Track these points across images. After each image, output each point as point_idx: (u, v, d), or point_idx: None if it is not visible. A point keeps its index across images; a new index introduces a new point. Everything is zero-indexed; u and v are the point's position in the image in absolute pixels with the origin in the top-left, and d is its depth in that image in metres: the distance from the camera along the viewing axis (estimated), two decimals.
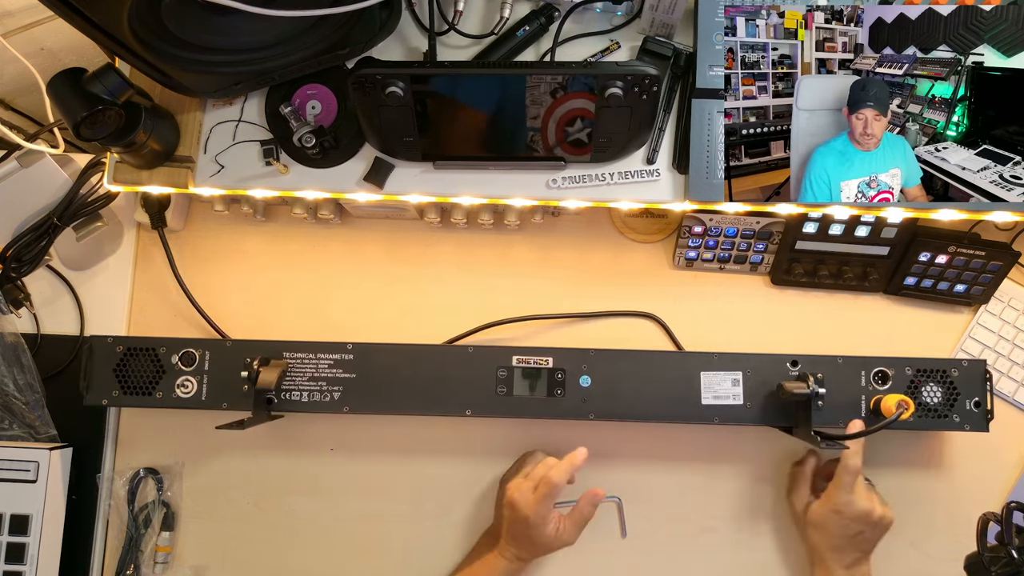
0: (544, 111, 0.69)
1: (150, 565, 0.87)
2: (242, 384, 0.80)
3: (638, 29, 0.77)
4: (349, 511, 0.88)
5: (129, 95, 0.68)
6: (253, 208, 0.89)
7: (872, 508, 0.76)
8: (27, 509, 0.82)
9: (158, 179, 0.77)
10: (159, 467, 0.89)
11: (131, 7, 0.61)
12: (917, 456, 0.86)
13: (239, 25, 0.66)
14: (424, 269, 0.92)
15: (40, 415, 0.88)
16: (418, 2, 0.77)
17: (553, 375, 0.80)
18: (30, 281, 0.90)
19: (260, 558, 0.88)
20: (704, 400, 0.79)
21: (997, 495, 0.86)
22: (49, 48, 0.91)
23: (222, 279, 0.92)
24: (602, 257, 0.91)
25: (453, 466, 0.88)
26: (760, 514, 0.86)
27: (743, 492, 0.86)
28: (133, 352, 0.82)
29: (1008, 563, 0.61)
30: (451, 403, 0.80)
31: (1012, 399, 0.87)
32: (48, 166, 0.83)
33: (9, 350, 0.87)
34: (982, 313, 0.88)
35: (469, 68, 0.71)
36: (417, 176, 0.77)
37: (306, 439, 0.89)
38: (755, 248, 0.87)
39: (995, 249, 0.83)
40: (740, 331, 0.89)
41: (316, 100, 0.77)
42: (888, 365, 0.79)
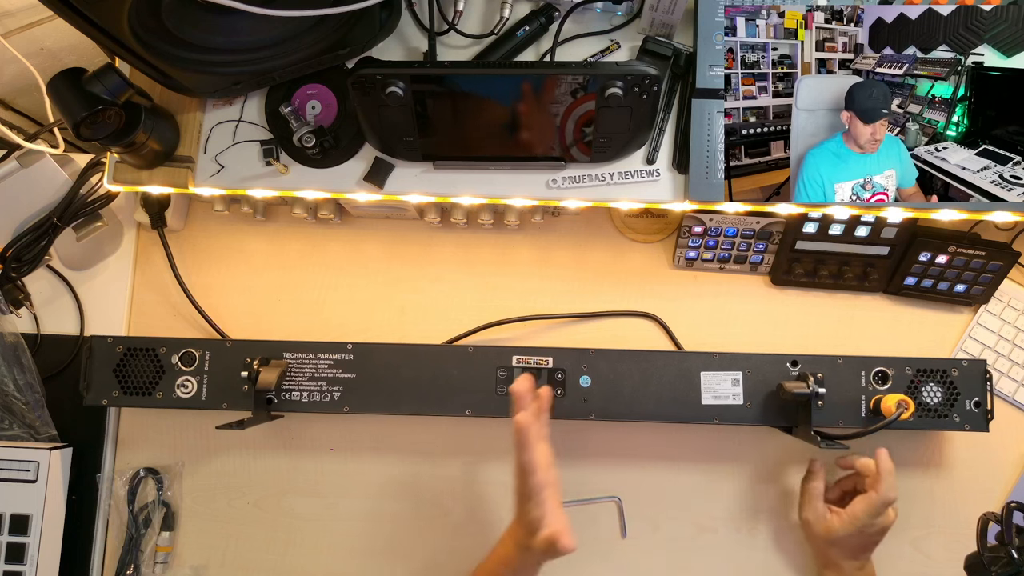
0: (544, 111, 0.69)
1: (150, 565, 0.87)
2: (242, 384, 0.80)
3: (638, 29, 0.77)
4: (349, 511, 0.88)
5: (129, 95, 0.68)
6: (253, 208, 0.89)
7: (888, 523, 0.76)
8: (27, 509, 0.82)
9: (158, 179, 0.77)
10: (159, 467, 0.89)
11: (131, 7, 0.61)
12: (917, 456, 0.86)
13: (239, 25, 0.66)
14: (424, 269, 0.92)
15: (40, 415, 0.88)
16: (418, 2, 0.77)
17: (553, 375, 0.80)
18: (30, 281, 0.90)
19: (260, 558, 0.88)
20: (704, 400, 0.79)
21: (997, 495, 0.86)
22: (49, 48, 0.91)
23: (222, 279, 0.92)
24: (602, 257, 0.91)
25: (453, 466, 0.88)
26: (760, 514, 0.86)
27: (743, 492, 0.86)
28: (133, 352, 0.82)
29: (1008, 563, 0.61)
30: (451, 403, 0.80)
31: (1012, 399, 0.87)
32: (48, 166, 0.83)
33: (9, 350, 0.87)
34: (982, 313, 0.88)
35: (469, 68, 0.71)
36: (417, 176, 0.77)
37: (306, 439, 0.89)
38: (755, 248, 0.87)
39: (995, 249, 0.83)
40: (740, 331, 0.89)
41: (316, 100, 0.77)
42: (888, 365, 0.79)
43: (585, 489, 0.86)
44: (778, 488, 0.86)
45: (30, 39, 0.88)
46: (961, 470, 0.86)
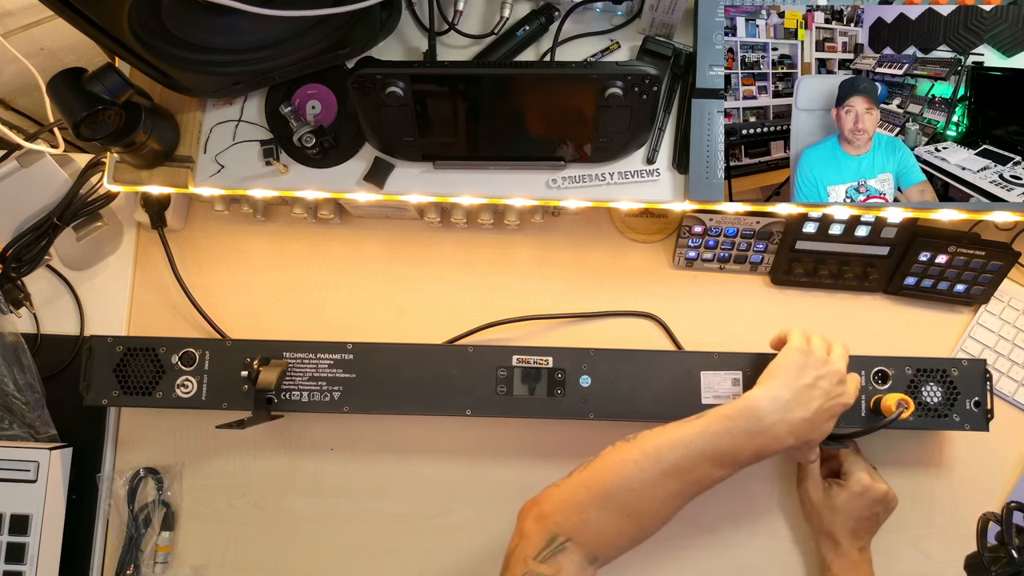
0: (544, 111, 0.69)
1: (150, 565, 0.87)
2: (242, 384, 0.80)
3: (638, 29, 0.77)
4: (349, 511, 0.88)
5: (129, 95, 0.68)
6: (253, 208, 0.89)
7: (887, 489, 0.79)
8: (27, 509, 0.82)
9: (158, 179, 0.77)
10: (159, 467, 0.89)
11: (131, 7, 0.61)
12: (917, 456, 0.86)
13: (239, 25, 0.66)
14: (424, 269, 0.92)
15: (40, 415, 0.88)
16: (418, 2, 0.77)
17: (553, 375, 0.80)
18: (30, 281, 0.90)
19: (260, 558, 0.88)
20: (704, 400, 0.79)
21: (997, 495, 0.86)
22: (49, 48, 0.91)
23: (222, 279, 0.92)
24: (602, 257, 0.91)
25: (453, 466, 0.88)
26: (760, 514, 0.86)
27: (743, 492, 0.86)
28: (133, 352, 0.82)
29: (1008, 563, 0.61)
30: (451, 403, 0.80)
31: (1012, 399, 0.87)
32: (48, 166, 0.83)
33: (9, 350, 0.87)
34: (982, 313, 0.88)
35: (469, 68, 0.71)
36: (417, 176, 0.77)
37: (306, 439, 0.89)
38: (755, 248, 0.87)
39: (995, 249, 0.83)
40: (740, 331, 0.89)
41: (316, 100, 0.77)
42: (888, 365, 0.79)
43: None
44: (778, 487, 0.86)
45: (30, 39, 0.88)
46: (961, 470, 0.86)
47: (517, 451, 0.86)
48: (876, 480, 0.79)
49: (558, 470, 0.70)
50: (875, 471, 0.82)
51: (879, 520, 0.80)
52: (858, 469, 0.80)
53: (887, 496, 0.79)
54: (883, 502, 0.79)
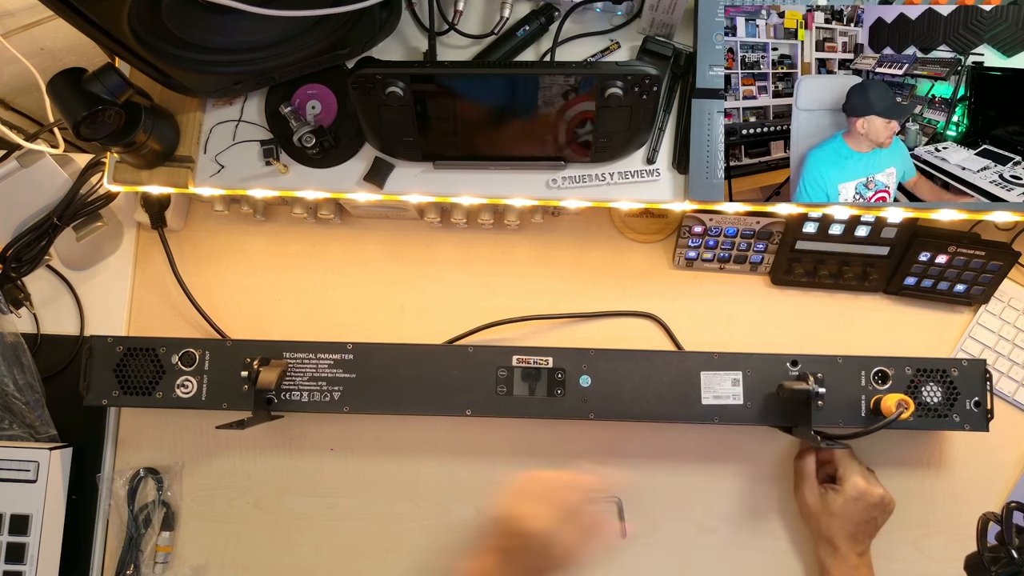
0: (544, 111, 0.69)
1: (150, 565, 0.87)
2: (242, 384, 0.80)
3: (638, 29, 0.77)
4: (349, 511, 0.88)
5: (129, 95, 0.68)
6: (253, 208, 0.89)
7: (884, 493, 0.79)
8: (27, 509, 0.82)
9: (158, 179, 0.77)
10: (159, 467, 0.89)
11: (131, 7, 0.61)
12: (917, 456, 0.86)
13: (239, 25, 0.66)
14: (424, 269, 0.92)
15: (40, 415, 0.88)
16: (418, 2, 0.77)
17: (553, 375, 0.80)
18: (30, 281, 0.90)
19: (260, 558, 0.88)
20: (704, 400, 0.79)
21: (997, 495, 0.86)
22: (49, 48, 0.91)
23: (222, 279, 0.92)
24: (602, 257, 0.91)
25: (453, 466, 0.88)
26: (760, 514, 0.86)
27: (743, 492, 0.86)
28: (133, 352, 0.82)
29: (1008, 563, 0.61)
30: (451, 403, 0.80)
31: (1012, 399, 0.87)
32: (48, 166, 0.83)
33: (9, 350, 0.87)
34: (982, 313, 0.88)
35: (469, 68, 0.71)
36: (417, 176, 0.77)
37: (306, 439, 0.89)
38: (755, 248, 0.87)
39: (995, 249, 0.83)
40: (740, 331, 0.89)
41: (316, 100, 0.77)
42: (888, 365, 0.79)
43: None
44: (778, 488, 0.86)
45: (30, 39, 0.88)
46: (961, 470, 0.86)
47: (517, 451, 0.86)
48: (872, 484, 0.79)
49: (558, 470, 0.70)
50: (872, 475, 0.82)
51: (877, 524, 0.80)
52: (853, 473, 0.79)
53: (883, 500, 0.79)
54: (880, 506, 0.79)
